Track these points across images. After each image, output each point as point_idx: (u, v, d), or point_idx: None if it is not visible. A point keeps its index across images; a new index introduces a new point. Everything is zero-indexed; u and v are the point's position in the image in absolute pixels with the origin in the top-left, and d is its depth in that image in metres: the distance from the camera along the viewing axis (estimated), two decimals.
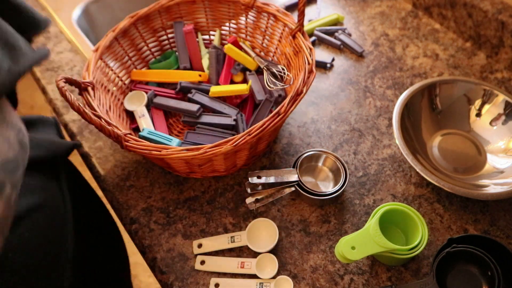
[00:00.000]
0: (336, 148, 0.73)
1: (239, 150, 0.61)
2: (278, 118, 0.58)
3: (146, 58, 0.82)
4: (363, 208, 0.66)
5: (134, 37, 0.78)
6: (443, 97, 0.74)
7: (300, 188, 0.65)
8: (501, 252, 0.55)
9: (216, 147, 0.56)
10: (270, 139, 0.71)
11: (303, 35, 0.69)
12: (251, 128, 0.57)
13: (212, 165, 0.65)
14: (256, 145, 0.65)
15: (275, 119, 0.57)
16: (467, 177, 0.68)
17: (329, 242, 0.63)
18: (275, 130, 0.66)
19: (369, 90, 0.82)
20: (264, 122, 0.57)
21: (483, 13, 0.80)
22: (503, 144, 0.70)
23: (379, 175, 0.70)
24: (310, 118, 0.78)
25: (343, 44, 0.90)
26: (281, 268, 0.61)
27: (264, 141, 0.66)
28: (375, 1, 0.99)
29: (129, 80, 0.79)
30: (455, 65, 0.85)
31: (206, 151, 0.55)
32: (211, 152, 0.55)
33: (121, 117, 0.73)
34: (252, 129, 0.57)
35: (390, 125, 0.76)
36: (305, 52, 0.66)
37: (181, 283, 0.61)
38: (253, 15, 0.79)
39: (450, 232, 0.63)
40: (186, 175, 0.69)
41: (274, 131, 0.66)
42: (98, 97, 0.67)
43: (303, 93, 0.60)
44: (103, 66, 0.72)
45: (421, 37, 0.90)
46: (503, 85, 0.80)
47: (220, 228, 0.65)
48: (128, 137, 0.58)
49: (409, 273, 0.59)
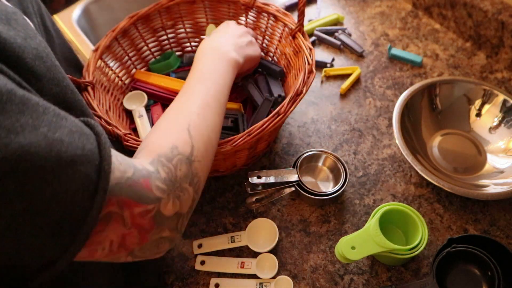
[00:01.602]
0: (336, 148, 0.73)
1: (239, 150, 0.61)
2: (277, 118, 0.57)
3: (146, 58, 0.82)
4: (363, 208, 0.66)
5: (134, 37, 0.78)
6: (443, 97, 0.74)
7: (300, 188, 0.65)
8: (501, 252, 0.55)
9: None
10: (270, 139, 0.70)
11: (303, 35, 0.69)
12: (251, 129, 0.57)
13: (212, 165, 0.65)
14: (256, 145, 0.65)
15: (274, 119, 0.57)
16: (467, 177, 0.68)
17: (329, 242, 0.63)
18: (274, 130, 0.66)
19: (369, 90, 0.82)
20: (263, 122, 0.57)
21: (483, 13, 0.80)
22: (503, 144, 0.70)
23: (379, 175, 0.70)
24: (310, 118, 0.78)
25: (343, 44, 0.90)
26: (281, 268, 0.61)
27: (264, 141, 0.66)
28: (375, 1, 0.99)
29: (129, 80, 0.79)
30: (455, 65, 0.85)
31: None
32: None
33: (121, 117, 0.73)
34: (252, 129, 0.56)
35: (390, 125, 0.76)
36: (305, 52, 0.66)
37: (181, 283, 0.61)
38: (253, 15, 0.78)
39: (450, 232, 0.63)
40: None
41: (274, 131, 0.66)
42: (98, 97, 0.67)
43: (303, 94, 0.60)
44: (103, 66, 0.72)
45: (421, 37, 0.90)
46: (503, 85, 0.80)
47: (220, 228, 0.65)
48: (128, 137, 0.58)
49: (409, 273, 0.59)
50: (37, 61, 0.37)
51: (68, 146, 0.31)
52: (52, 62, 0.39)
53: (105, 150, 0.35)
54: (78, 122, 0.35)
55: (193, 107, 0.50)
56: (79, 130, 0.34)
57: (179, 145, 0.44)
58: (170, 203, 0.40)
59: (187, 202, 0.43)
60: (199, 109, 0.50)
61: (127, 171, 0.37)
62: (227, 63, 0.58)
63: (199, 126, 0.48)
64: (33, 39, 0.38)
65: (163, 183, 0.40)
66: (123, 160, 0.38)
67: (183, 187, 0.43)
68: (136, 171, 0.38)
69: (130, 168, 0.38)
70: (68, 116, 0.34)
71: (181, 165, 0.43)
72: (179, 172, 0.43)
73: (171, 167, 0.42)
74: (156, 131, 0.48)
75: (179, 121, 0.48)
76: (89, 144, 0.34)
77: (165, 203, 0.40)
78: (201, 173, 0.46)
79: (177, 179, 0.42)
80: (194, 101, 0.51)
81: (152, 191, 0.38)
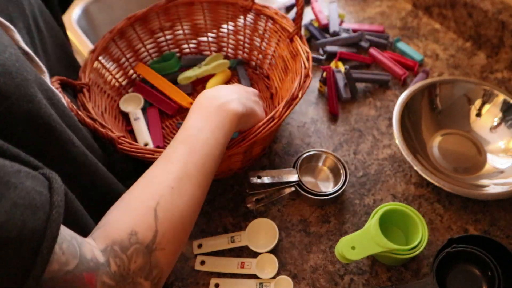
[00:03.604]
0: (336, 148, 0.73)
1: (234, 154, 0.61)
2: (272, 122, 0.56)
3: (143, 60, 0.82)
4: (363, 208, 0.66)
5: (132, 38, 0.77)
6: (443, 97, 0.74)
7: (300, 188, 0.65)
8: (501, 252, 0.55)
9: None
10: (265, 144, 0.70)
11: (301, 38, 0.68)
12: (246, 133, 0.56)
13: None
14: (251, 150, 0.65)
15: (269, 123, 0.56)
16: (467, 177, 0.68)
17: (329, 242, 0.63)
18: (270, 134, 0.66)
19: (369, 90, 0.82)
20: (258, 126, 0.56)
21: (483, 13, 0.80)
22: (503, 144, 0.70)
23: (379, 175, 0.70)
24: (310, 118, 0.78)
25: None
26: (281, 268, 0.61)
27: (259, 145, 0.66)
28: (375, 1, 0.99)
29: (126, 81, 0.79)
30: (455, 65, 0.85)
31: None
32: None
33: (117, 119, 0.73)
34: (247, 134, 0.56)
35: (390, 125, 0.76)
36: (302, 56, 0.65)
37: (181, 283, 0.61)
38: (251, 17, 0.78)
39: (450, 232, 0.63)
40: None
41: (269, 135, 0.66)
42: (94, 99, 0.67)
43: (299, 98, 0.59)
44: (100, 67, 0.72)
45: (421, 37, 0.90)
46: (503, 85, 0.80)
47: (220, 228, 0.65)
48: (121, 140, 0.57)
49: (409, 273, 0.59)
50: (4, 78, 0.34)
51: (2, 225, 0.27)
52: (23, 76, 0.37)
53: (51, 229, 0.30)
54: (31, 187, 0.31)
55: (168, 179, 0.42)
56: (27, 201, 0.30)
57: (140, 230, 0.38)
58: None
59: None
60: (174, 182, 0.42)
61: (69, 263, 0.32)
62: (225, 116, 0.49)
63: (170, 205, 0.41)
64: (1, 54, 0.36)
65: (111, 278, 0.35)
66: (67, 248, 0.33)
67: (136, 282, 0.37)
68: (80, 263, 0.33)
69: (74, 259, 0.33)
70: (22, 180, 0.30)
71: (137, 257, 0.38)
72: (133, 265, 0.37)
73: (124, 259, 0.37)
74: (119, 206, 0.42)
75: (146, 197, 0.41)
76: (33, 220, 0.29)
77: None
78: (163, 262, 0.40)
79: (129, 274, 0.37)
80: (170, 171, 0.43)
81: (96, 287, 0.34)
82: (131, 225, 0.39)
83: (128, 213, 0.40)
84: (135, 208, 0.41)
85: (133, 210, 0.40)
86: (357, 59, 0.85)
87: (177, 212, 0.41)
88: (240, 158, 0.64)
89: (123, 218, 0.40)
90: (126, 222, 0.39)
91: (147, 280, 0.38)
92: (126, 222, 0.39)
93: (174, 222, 0.41)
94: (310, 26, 0.91)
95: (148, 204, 0.40)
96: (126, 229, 0.38)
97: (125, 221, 0.39)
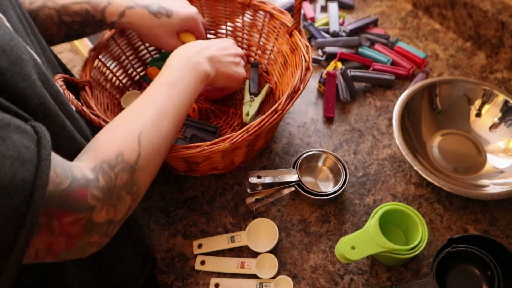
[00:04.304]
0: (336, 148, 0.73)
1: (237, 147, 0.61)
2: (276, 115, 0.57)
3: (143, 57, 0.82)
4: (363, 208, 0.66)
5: (131, 36, 0.78)
6: (443, 97, 0.74)
7: (300, 188, 0.64)
8: (501, 252, 0.55)
9: (214, 145, 0.56)
10: (268, 137, 0.71)
11: (300, 33, 0.69)
12: (249, 126, 0.57)
13: (210, 162, 0.64)
14: (254, 143, 0.65)
15: (272, 116, 0.57)
16: (467, 177, 0.68)
17: (329, 242, 0.63)
18: (272, 127, 0.66)
19: (369, 90, 0.82)
20: (261, 119, 0.57)
21: (483, 13, 0.80)
22: (503, 144, 0.70)
23: (379, 175, 0.70)
24: (310, 118, 0.78)
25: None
26: (281, 268, 0.61)
27: (261, 138, 0.66)
28: (375, 1, 0.99)
29: (127, 79, 0.79)
30: (455, 65, 0.85)
31: (204, 149, 0.55)
32: (209, 150, 0.55)
33: None
34: (250, 126, 0.56)
35: (390, 125, 0.76)
36: (301, 50, 0.66)
37: (181, 283, 0.61)
38: (249, 13, 0.79)
39: (450, 232, 0.63)
40: (184, 173, 0.69)
41: (272, 128, 0.66)
42: (96, 96, 0.67)
43: (300, 90, 0.60)
44: (101, 65, 0.72)
45: (421, 37, 0.90)
46: (503, 85, 0.80)
47: (220, 228, 0.65)
48: None
49: (409, 273, 0.59)
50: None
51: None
52: (18, 55, 0.37)
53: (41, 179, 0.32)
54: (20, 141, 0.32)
55: (150, 114, 0.49)
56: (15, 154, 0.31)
57: (125, 152, 0.44)
58: (103, 211, 0.40)
59: (122, 210, 0.43)
60: (155, 117, 0.49)
61: (63, 183, 0.36)
62: (196, 74, 0.57)
63: (151, 134, 0.47)
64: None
65: (100, 191, 0.40)
66: (60, 172, 0.36)
67: (120, 196, 0.43)
68: (73, 181, 0.37)
69: (67, 179, 0.36)
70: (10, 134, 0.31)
71: (122, 174, 0.43)
72: (119, 180, 0.42)
73: (111, 175, 0.42)
74: (106, 132, 0.47)
75: (131, 126, 0.47)
76: (23, 171, 0.31)
77: (98, 211, 0.39)
78: (142, 182, 0.46)
79: (115, 188, 0.42)
80: (152, 107, 0.50)
81: (87, 200, 0.38)
82: (118, 147, 0.44)
83: (115, 138, 0.46)
84: (121, 134, 0.46)
85: (120, 136, 0.46)
86: (357, 60, 0.85)
87: (156, 142, 0.48)
88: (243, 151, 0.64)
89: (110, 142, 0.45)
90: (113, 145, 0.44)
91: (128, 194, 0.44)
92: (113, 145, 0.44)
93: (153, 149, 0.48)
94: (310, 26, 0.91)
95: (133, 132, 0.47)
96: (113, 151, 0.43)
97: (112, 144, 0.45)
